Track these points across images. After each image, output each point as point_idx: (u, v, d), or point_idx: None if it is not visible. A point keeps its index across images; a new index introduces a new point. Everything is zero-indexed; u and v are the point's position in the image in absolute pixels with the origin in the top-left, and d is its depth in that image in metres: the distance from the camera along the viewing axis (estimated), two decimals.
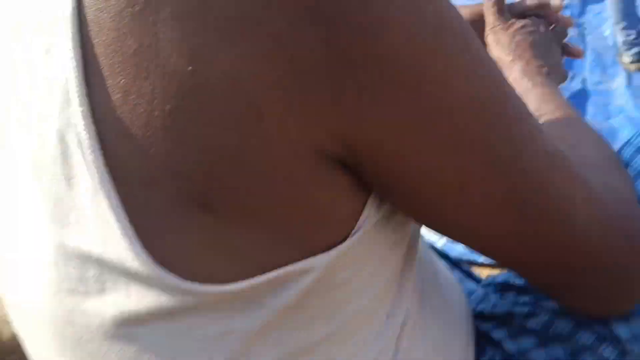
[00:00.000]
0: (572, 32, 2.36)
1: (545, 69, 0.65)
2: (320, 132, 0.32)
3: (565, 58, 0.74)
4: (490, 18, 0.72)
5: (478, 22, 0.74)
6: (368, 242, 0.38)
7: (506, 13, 0.72)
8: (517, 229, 0.39)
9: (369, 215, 0.38)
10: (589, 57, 2.67)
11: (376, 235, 0.39)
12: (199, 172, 0.32)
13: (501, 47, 0.69)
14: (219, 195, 0.32)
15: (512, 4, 0.74)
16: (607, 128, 2.37)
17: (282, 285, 0.35)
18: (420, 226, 0.47)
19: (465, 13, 0.76)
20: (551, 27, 0.74)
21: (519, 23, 0.71)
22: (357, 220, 0.37)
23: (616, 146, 0.55)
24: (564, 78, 0.69)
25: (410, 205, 0.38)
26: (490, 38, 0.71)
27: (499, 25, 0.71)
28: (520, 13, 0.73)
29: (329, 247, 0.36)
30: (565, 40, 0.75)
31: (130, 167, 0.32)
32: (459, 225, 0.39)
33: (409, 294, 0.44)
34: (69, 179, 0.33)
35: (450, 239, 0.41)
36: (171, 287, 0.33)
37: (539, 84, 0.62)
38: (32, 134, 0.34)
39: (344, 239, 0.37)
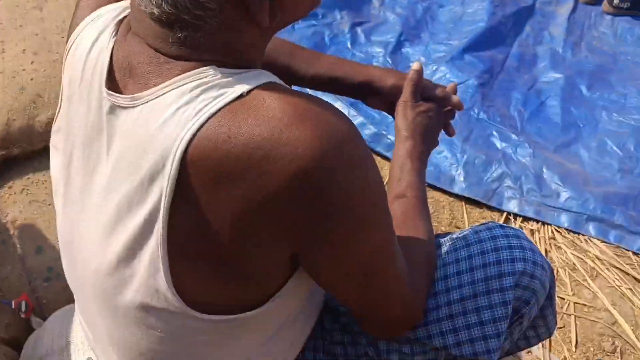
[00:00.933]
0: None
1: (425, 155, 0.94)
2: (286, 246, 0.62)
3: None
4: (406, 92, 0.97)
5: (399, 88, 0.98)
6: (289, 292, 0.70)
7: (418, 93, 0.97)
8: (364, 294, 0.71)
9: (293, 279, 0.69)
10: None
11: (294, 288, 0.70)
12: (225, 252, 0.60)
13: (404, 121, 0.95)
14: (230, 262, 0.61)
15: (425, 86, 0.99)
16: (531, 55, 2.51)
17: (243, 318, 0.68)
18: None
19: (393, 78, 1.00)
20: (446, 109, 1.00)
21: (424, 106, 0.97)
22: (286, 280, 0.68)
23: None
24: (435, 146, 0.99)
25: (317, 280, 0.69)
26: (400, 108, 0.97)
27: (410, 102, 0.96)
28: (428, 97, 0.98)
29: (271, 296, 0.68)
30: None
31: (183, 249, 0.61)
32: (338, 291, 0.71)
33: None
34: (147, 238, 0.62)
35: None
36: (175, 305, 0.64)
37: (415, 170, 0.90)
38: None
39: (280, 288, 0.68)
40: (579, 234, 1.90)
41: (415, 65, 0.97)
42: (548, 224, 1.92)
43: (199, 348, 0.70)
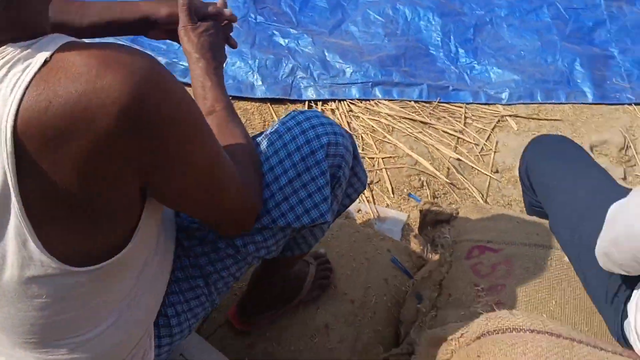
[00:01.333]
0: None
1: (219, 69, 1.01)
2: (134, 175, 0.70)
3: None
4: (182, 18, 1.01)
5: (175, 16, 1.02)
6: (145, 224, 0.78)
7: (194, 16, 1.01)
8: (208, 200, 0.82)
9: (145, 211, 0.77)
10: None
11: (149, 219, 0.79)
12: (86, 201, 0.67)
13: (191, 44, 1.00)
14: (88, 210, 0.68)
15: (197, 8, 1.02)
16: None
17: (113, 262, 0.75)
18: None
19: (166, 7, 1.04)
20: (223, 24, 1.06)
21: (203, 26, 1.02)
22: (140, 215, 0.77)
23: None
24: (225, 60, 1.05)
25: (166, 201, 0.80)
26: (182, 34, 1.01)
27: (189, 25, 1.01)
28: (203, 16, 1.03)
29: (132, 233, 0.76)
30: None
31: (43, 213, 0.65)
32: (186, 206, 0.83)
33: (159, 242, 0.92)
34: (5, 216, 0.66)
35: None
36: (54, 267, 0.70)
37: (215, 84, 0.98)
38: None
39: (137, 225, 0.77)
40: (369, 100, 2.17)
41: None
42: (343, 100, 2.15)
43: (82, 301, 0.77)
